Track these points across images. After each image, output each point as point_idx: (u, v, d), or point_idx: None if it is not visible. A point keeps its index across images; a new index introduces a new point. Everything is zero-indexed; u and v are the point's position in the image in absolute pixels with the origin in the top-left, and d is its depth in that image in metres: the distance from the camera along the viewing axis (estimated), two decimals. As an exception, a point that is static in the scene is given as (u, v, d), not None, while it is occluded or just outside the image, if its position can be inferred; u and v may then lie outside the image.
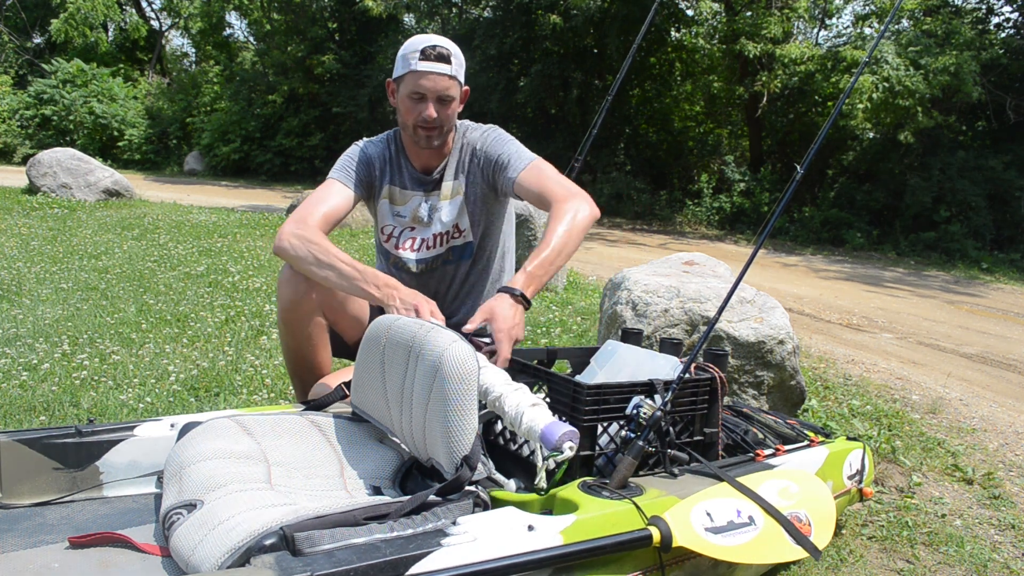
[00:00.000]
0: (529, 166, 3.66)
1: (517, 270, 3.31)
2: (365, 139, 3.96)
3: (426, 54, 3.52)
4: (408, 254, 3.88)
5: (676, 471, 2.91)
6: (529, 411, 2.66)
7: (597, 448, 2.90)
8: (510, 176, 3.65)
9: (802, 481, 2.95)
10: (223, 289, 8.64)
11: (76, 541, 2.61)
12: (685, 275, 5.78)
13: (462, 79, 3.66)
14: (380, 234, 3.94)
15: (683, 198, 23.43)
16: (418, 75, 3.55)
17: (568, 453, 2.56)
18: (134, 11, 40.61)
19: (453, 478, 2.58)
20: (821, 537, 2.79)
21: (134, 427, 3.16)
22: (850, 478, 3.55)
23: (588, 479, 2.70)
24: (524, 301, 3.16)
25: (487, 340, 3.12)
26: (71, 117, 32.46)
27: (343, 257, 3.42)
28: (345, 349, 3.89)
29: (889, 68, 18.84)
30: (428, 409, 2.71)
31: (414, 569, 2.16)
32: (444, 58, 3.54)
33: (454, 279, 3.94)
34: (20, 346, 6.01)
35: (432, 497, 2.52)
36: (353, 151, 3.90)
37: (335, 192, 3.74)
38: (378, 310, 3.75)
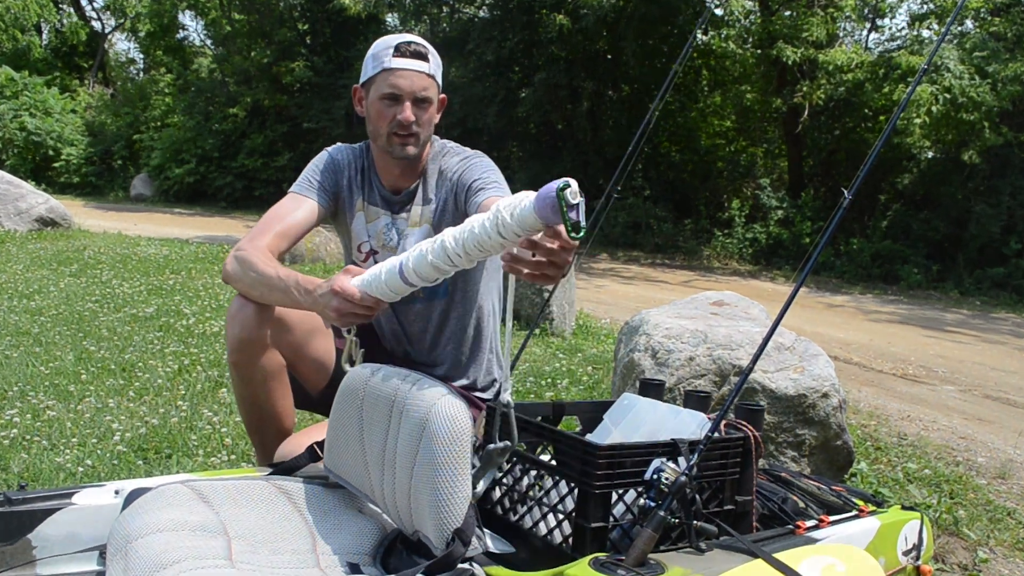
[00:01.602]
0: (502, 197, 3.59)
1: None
2: (339, 144, 3.98)
3: (401, 50, 3.56)
4: None
5: (703, 546, 2.91)
6: (498, 209, 2.56)
7: (611, 519, 2.91)
8: (477, 200, 3.59)
9: (850, 558, 2.95)
10: (176, 334, 8.65)
11: (5, 628, 2.62)
12: (713, 317, 5.80)
13: (440, 83, 3.70)
14: (356, 252, 3.94)
15: (711, 228, 23.46)
16: (392, 73, 3.58)
17: (576, 197, 2.40)
18: (72, 11, 40.80)
19: (443, 555, 2.58)
20: (872, 623, 2.79)
21: (72, 494, 3.16)
22: (905, 554, 3.55)
23: (600, 555, 2.70)
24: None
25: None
26: (-1, 134, 32.59)
27: (270, 269, 3.39)
28: (307, 400, 3.88)
29: (951, 77, 18.90)
30: (414, 474, 2.72)
31: (399, 660, 2.16)
32: (421, 55, 3.59)
33: (430, 320, 3.93)
34: (-61, 400, 6.02)
35: (419, 576, 2.52)
36: (320, 158, 3.93)
37: (292, 206, 3.75)
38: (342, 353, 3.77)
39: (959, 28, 21.10)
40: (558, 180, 2.40)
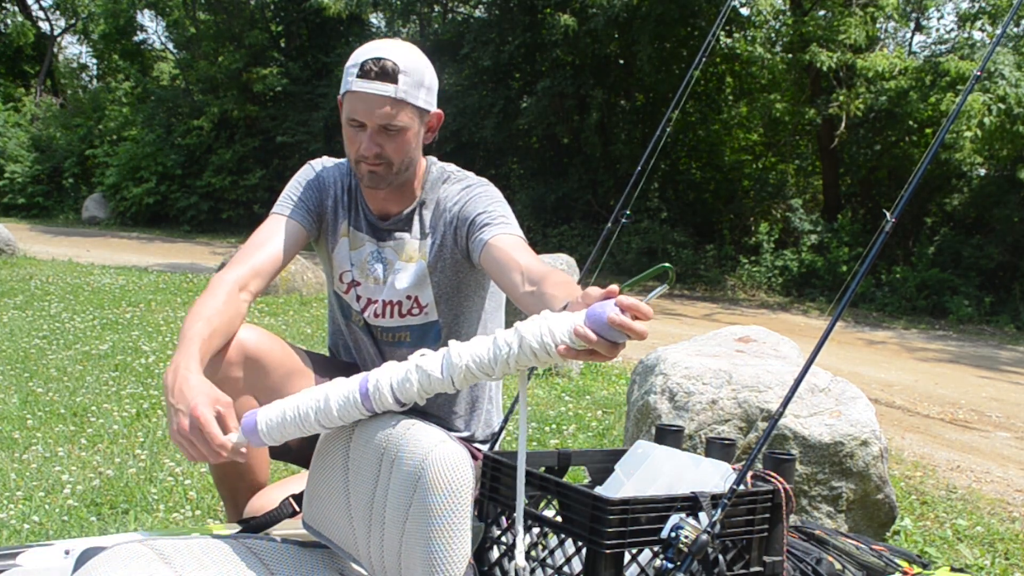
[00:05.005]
0: (514, 236, 3.55)
1: None
2: (325, 158, 3.96)
3: (365, 69, 3.45)
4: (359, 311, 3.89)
5: (727, 612, 2.91)
6: (546, 332, 2.52)
7: (624, 582, 2.90)
8: (483, 238, 3.55)
9: (892, 625, 2.95)
10: (134, 374, 8.65)
11: None
12: (739, 355, 5.81)
13: (420, 102, 3.56)
14: (338, 282, 3.92)
15: (736, 254, 23.42)
16: (354, 96, 3.49)
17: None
18: (17, 9, 40.78)
19: (437, 622, 2.58)
20: None
21: (17, 554, 3.16)
22: (955, 621, 3.55)
23: (612, 622, 2.70)
24: None
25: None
26: (-67, 149, 32.60)
27: (193, 316, 3.32)
28: (285, 449, 3.84)
29: (1006, 84, 18.85)
30: (406, 530, 2.71)
31: None
32: (387, 75, 3.44)
33: None
34: None
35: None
36: (303, 172, 3.89)
37: (272, 229, 3.72)
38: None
39: (1015, 29, 21.01)
40: (605, 303, 2.48)
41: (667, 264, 2.55)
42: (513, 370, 2.56)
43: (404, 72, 3.48)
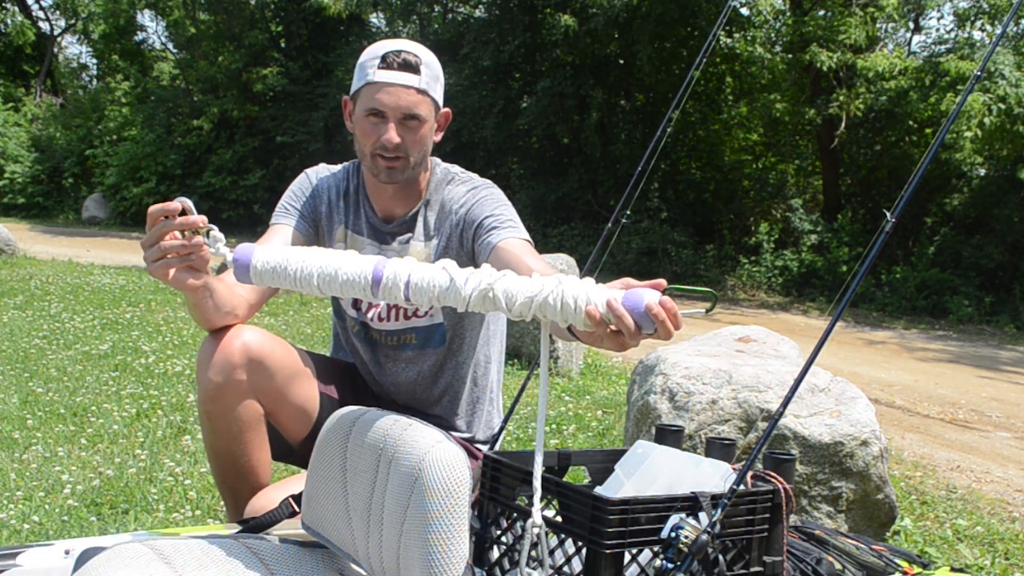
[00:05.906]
0: (521, 239, 3.56)
1: None
2: (322, 164, 3.96)
3: (387, 61, 3.49)
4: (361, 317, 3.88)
5: (727, 612, 2.91)
6: (587, 285, 2.50)
7: (624, 582, 2.90)
8: (491, 241, 3.55)
9: (892, 625, 2.94)
10: (134, 374, 8.65)
11: None
12: (739, 355, 5.80)
13: (437, 96, 3.62)
14: None
15: (736, 254, 23.40)
16: (376, 87, 3.51)
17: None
18: (17, 9, 40.71)
19: (436, 622, 2.57)
20: None
21: (17, 554, 3.14)
22: (956, 621, 3.54)
23: (612, 622, 2.69)
24: None
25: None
26: (-67, 149, 32.55)
27: None
28: (287, 450, 3.86)
29: (1006, 84, 18.80)
30: (403, 531, 2.70)
31: None
32: (410, 66, 3.51)
33: (421, 372, 3.90)
34: None
35: (408, 647, 2.50)
36: (299, 181, 3.89)
37: (268, 237, 3.71)
38: (328, 399, 3.74)
39: (1015, 29, 20.95)
40: (647, 291, 2.47)
41: (715, 293, 2.55)
42: (530, 316, 2.51)
43: (425, 65, 3.54)
